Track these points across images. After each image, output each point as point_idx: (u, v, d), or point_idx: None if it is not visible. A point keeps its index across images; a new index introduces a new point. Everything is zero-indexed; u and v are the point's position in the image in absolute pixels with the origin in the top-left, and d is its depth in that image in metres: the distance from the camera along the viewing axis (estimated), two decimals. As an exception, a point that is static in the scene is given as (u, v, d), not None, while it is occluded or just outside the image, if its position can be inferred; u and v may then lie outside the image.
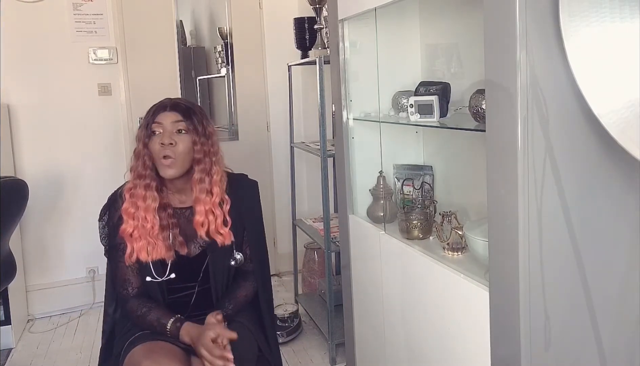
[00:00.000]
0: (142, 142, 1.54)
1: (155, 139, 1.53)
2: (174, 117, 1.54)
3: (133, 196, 1.54)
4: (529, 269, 1.13)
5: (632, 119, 0.98)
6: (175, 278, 1.59)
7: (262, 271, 1.73)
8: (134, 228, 1.53)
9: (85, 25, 3.19)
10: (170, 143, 1.51)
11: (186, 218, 1.62)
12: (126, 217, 1.55)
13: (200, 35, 4.60)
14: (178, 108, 1.55)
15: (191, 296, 1.62)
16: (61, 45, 3.16)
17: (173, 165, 1.52)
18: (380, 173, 1.96)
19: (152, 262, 1.55)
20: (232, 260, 1.64)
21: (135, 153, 1.57)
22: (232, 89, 3.67)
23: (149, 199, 1.54)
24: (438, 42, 1.96)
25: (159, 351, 1.44)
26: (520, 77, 1.07)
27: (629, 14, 0.98)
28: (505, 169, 1.14)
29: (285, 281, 3.62)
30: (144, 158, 1.54)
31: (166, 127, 1.53)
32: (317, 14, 2.59)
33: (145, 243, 1.53)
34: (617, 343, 1.25)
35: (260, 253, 1.73)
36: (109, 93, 3.28)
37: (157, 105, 1.58)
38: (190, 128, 1.54)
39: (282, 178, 3.59)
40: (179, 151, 1.52)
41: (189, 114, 1.55)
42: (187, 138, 1.54)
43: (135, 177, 1.55)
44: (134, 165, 1.56)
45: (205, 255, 1.62)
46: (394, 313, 1.78)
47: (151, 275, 1.57)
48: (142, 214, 1.53)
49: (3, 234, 2.20)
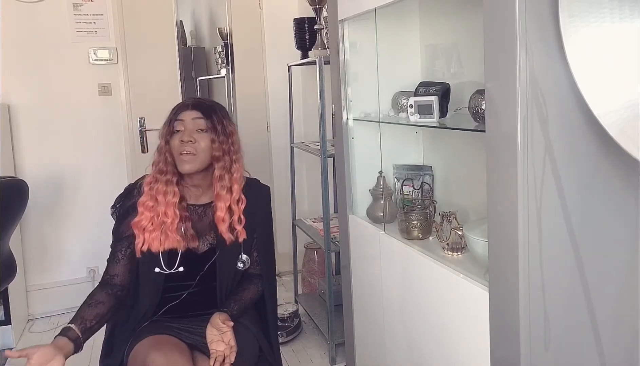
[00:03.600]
0: (165, 139, 1.59)
1: (177, 136, 1.58)
2: (195, 115, 1.58)
3: (153, 190, 1.58)
4: (529, 269, 1.13)
5: (632, 119, 0.98)
6: (177, 275, 1.59)
7: (268, 275, 1.74)
8: (149, 221, 1.56)
9: (86, 25, 3.19)
10: (190, 140, 1.56)
11: (198, 215, 1.64)
12: (142, 209, 1.57)
13: (200, 35, 4.61)
14: (199, 107, 1.60)
15: (189, 295, 1.62)
16: (61, 45, 3.16)
17: (191, 160, 1.56)
18: (380, 173, 1.97)
19: (162, 254, 1.57)
20: (239, 262, 1.65)
21: (157, 149, 1.61)
22: (232, 89, 3.66)
23: (170, 195, 1.57)
24: (438, 43, 1.96)
25: (165, 344, 1.45)
26: (520, 77, 1.07)
27: (629, 14, 0.98)
28: (505, 169, 1.14)
29: (285, 281, 3.61)
30: (166, 154, 1.58)
31: (187, 124, 1.58)
32: (317, 15, 2.59)
33: (159, 233, 1.56)
34: (617, 343, 1.25)
35: (267, 257, 1.74)
36: (109, 94, 3.28)
37: (181, 103, 1.64)
38: (209, 127, 1.58)
39: (282, 178, 3.59)
40: (199, 148, 1.57)
41: (209, 113, 1.60)
42: (207, 136, 1.58)
43: (156, 172, 1.59)
44: (156, 160, 1.60)
45: (213, 253, 1.63)
46: (393, 313, 1.78)
47: (160, 267, 1.58)
48: (162, 209, 1.56)
49: (3, 234, 2.20)
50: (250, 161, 3.35)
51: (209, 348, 1.49)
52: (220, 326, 1.50)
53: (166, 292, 1.61)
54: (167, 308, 1.61)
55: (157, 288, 1.60)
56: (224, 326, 1.50)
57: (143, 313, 1.58)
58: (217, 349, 1.48)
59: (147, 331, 1.52)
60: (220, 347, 1.48)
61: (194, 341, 1.54)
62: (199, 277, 1.62)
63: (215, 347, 1.49)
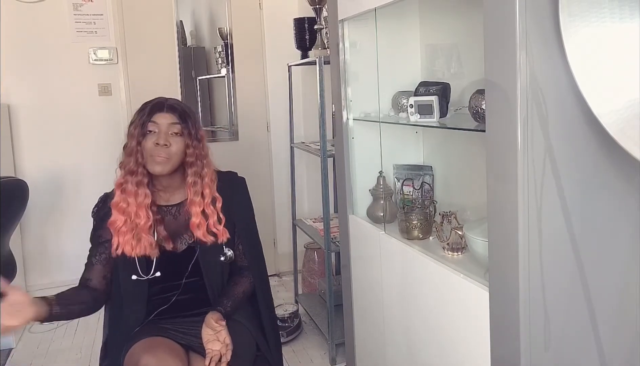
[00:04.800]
0: (137, 140, 1.56)
1: (150, 138, 1.55)
2: (171, 119, 1.56)
3: (124, 192, 1.57)
4: (529, 269, 1.13)
5: (632, 119, 0.98)
6: (160, 278, 1.59)
7: (257, 265, 1.74)
8: (123, 223, 1.55)
9: (86, 25, 3.20)
10: (165, 144, 1.54)
11: (172, 214, 1.63)
12: (116, 211, 1.56)
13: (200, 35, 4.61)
14: (174, 111, 1.57)
15: (179, 296, 1.62)
16: (61, 45, 3.16)
17: (164, 163, 1.54)
18: (380, 173, 1.96)
19: (138, 260, 1.56)
20: (221, 256, 1.64)
21: (127, 150, 1.58)
22: (232, 89, 3.67)
23: (141, 196, 1.56)
24: (438, 42, 1.96)
25: (158, 347, 1.45)
26: (520, 77, 1.07)
27: (629, 14, 0.98)
28: (505, 169, 1.14)
29: (285, 281, 3.62)
30: (137, 155, 1.56)
31: (162, 127, 1.55)
32: (317, 14, 2.59)
33: (130, 237, 1.55)
34: (617, 343, 1.25)
35: (253, 248, 1.74)
36: (109, 94, 3.28)
37: (153, 103, 1.59)
38: (184, 132, 1.57)
39: (282, 178, 3.59)
40: (172, 152, 1.55)
41: (184, 118, 1.58)
42: (181, 140, 1.57)
43: (126, 173, 1.57)
44: (125, 162, 1.58)
45: (193, 251, 1.62)
46: (393, 313, 1.78)
47: (137, 274, 1.57)
48: (134, 210, 1.55)
49: (3, 234, 2.20)
50: (250, 161, 3.34)
51: (205, 348, 1.49)
52: (214, 326, 1.50)
53: (154, 296, 1.61)
54: (158, 312, 1.60)
55: (140, 295, 1.59)
56: (217, 326, 1.50)
57: (134, 318, 1.58)
58: (213, 348, 1.48)
59: (141, 334, 1.52)
60: (216, 346, 1.49)
61: (189, 342, 1.54)
62: (185, 277, 1.62)
63: (211, 347, 1.48)
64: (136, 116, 1.59)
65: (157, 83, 3.36)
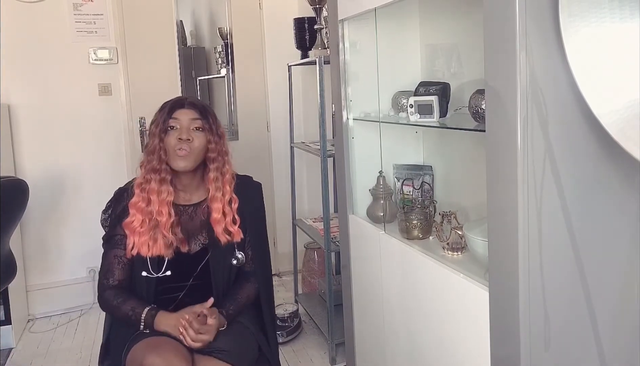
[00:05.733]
0: (159, 137, 1.57)
1: (172, 134, 1.57)
2: (191, 114, 1.58)
3: (144, 191, 1.57)
4: (529, 269, 1.13)
5: (632, 119, 0.98)
6: (170, 276, 1.59)
7: (263, 272, 1.74)
8: (140, 223, 1.56)
9: (86, 25, 3.19)
10: (187, 139, 1.55)
11: (189, 215, 1.64)
12: (134, 210, 1.57)
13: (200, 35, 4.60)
14: (195, 107, 1.60)
15: (185, 296, 1.62)
16: (61, 45, 3.16)
17: (186, 157, 1.55)
18: (380, 173, 1.97)
19: (150, 258, 1.57)
20: (233, 259, 1.65)
21: (149, 149, 1.59)
22: (232, 89, 3.67)
23: (164, 193, 1.57)
24: (438, 42, 1.96)
25: (162, 346, 1.45)
26: (520, 77, 1.07)
27: (629, 14, 0.98)
28: (505, 169, 1.14)
29: (285, 281, 3.62)
30: (160, 153, 1.57)
31: (183, 123, 1.57)
32: (317, 14, 2.59)
33: (147, 238, 1.55)
34: (617, 343, 1.25)
35: (262, 255, 1.74)
36: (109, 94, 3.28)
37: (173, 101, 1.61)
38: (206, 127, 1.59)
39: (282, 178, 3.59)
40: (195, 146, 1.56)
41: (205, 113, 1.60)
42: (203, 136, 1.58)
43: (148, 172, 1.58)
44: (147, 160, 1.58)
45: (205, 252, 1.63)
46: (393, 312, 1.78)
47: (147, 271, 1.58)
48: (156, 208, 1.55)
49: (3, 234, 2.20)
50: (250, 161, 3.34)
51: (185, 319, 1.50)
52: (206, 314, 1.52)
53: (161, 294, 1.61)
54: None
55: (147, 291, 1.59)
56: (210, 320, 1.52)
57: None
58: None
59: (144, 333, 1.52)
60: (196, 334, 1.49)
61: None
62: (193, 278, 1.62)
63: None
64: (157, 115, 1.60)
65: (157, 83, 3.36)
